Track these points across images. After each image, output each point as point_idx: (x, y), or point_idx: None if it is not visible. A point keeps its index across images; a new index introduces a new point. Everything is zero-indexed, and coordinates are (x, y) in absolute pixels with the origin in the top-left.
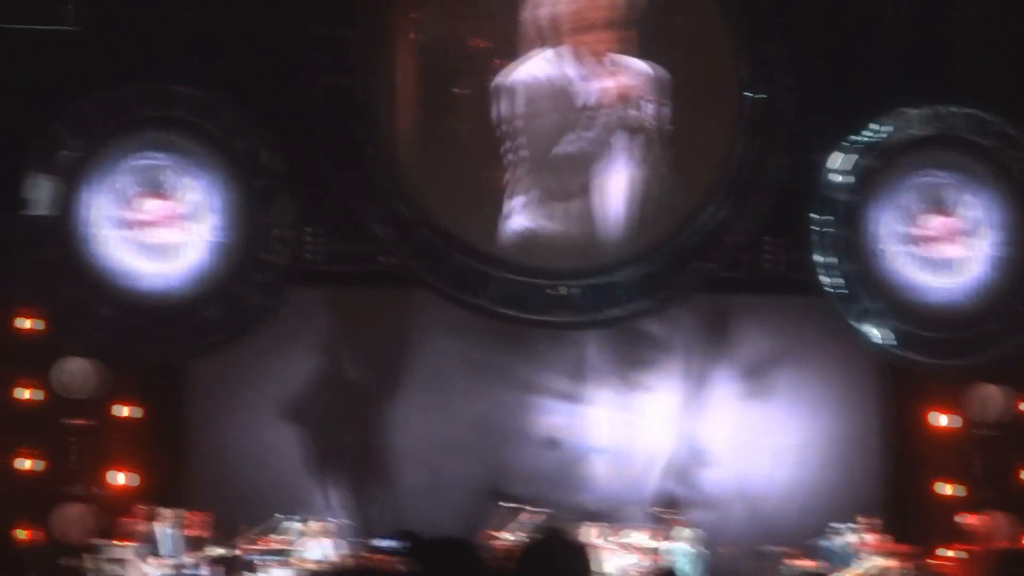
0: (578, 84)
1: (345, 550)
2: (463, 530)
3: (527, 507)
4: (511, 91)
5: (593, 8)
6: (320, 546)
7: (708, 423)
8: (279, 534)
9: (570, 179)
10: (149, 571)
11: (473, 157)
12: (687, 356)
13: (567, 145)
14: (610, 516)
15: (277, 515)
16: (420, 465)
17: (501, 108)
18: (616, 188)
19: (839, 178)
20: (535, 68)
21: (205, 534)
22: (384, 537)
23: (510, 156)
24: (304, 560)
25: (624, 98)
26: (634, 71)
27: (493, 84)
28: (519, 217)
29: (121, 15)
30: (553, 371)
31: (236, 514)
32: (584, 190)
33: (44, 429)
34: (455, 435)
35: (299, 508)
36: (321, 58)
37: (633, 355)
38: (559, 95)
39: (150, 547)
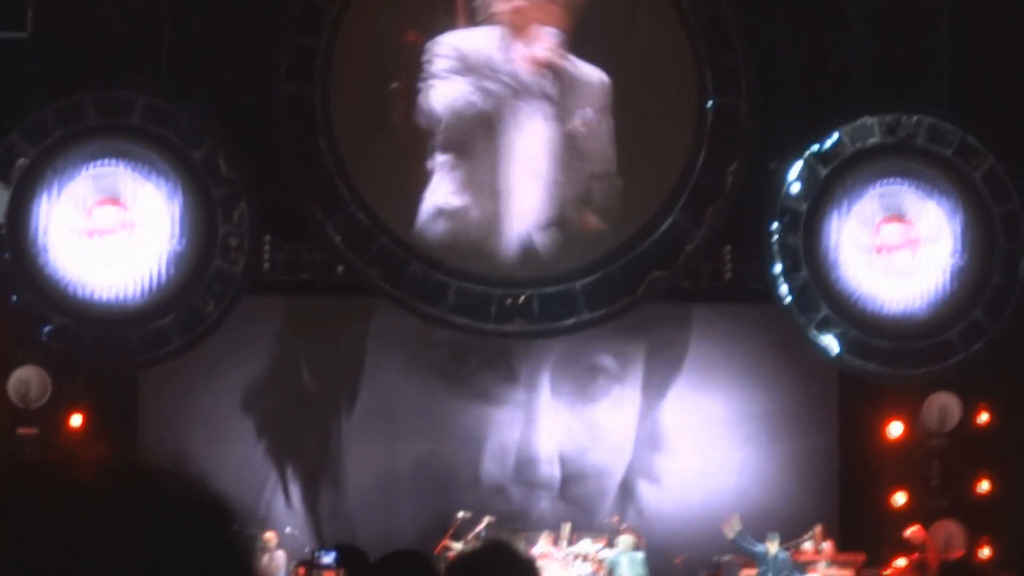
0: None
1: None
2: (416, 539)
3: (483, 516)
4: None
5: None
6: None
7: (665, 432)
8: None
9: (474, 136)
10: None
11: (412, 154)
12: (645, 366)
13: (466, 97)
14: (563, 525)
15: None
16: (373, 473)
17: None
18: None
19: (799, 187)
20: (464, 38)
21: None
22: (328, 551)
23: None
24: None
25: (543, 66)
26: (581, 73)
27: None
28: (435, 196)
29: (78, 23)
30: (509, 381)
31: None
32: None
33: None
34: (410, 444)
35: (252, 517)
36: (280, 67)
37: (590, 365)
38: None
39: None
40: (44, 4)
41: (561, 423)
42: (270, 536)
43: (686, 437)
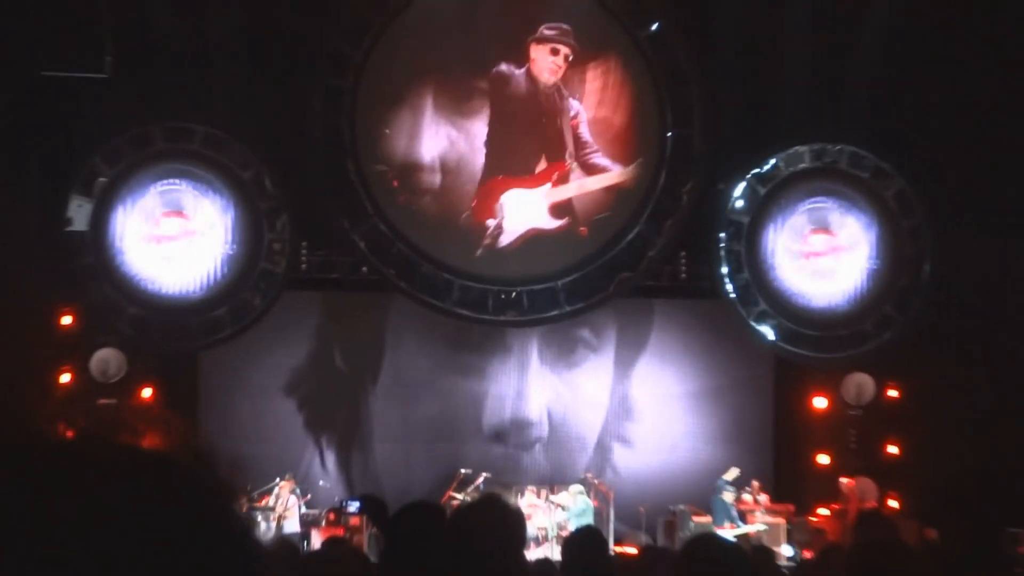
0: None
1: (317, 508)
2: (429, 491)
3: (481, 472)
4: None
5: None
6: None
7: (633, 402)
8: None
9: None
10: None
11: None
12: (616, 346)
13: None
14: (548, 480)
15: (277, 479)
16: (394, 437)
17: None
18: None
19: (742, 203)
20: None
21: None
22: (353, 500)
23: None
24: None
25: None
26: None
27: None
28: None
29: (149, 65)
30: (503, 354)
31: (241, 478)
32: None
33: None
34: (422, 411)
35: (291, 473)
36: (315, 102)
37: (572, 336)
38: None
39: None
40: (120, 49)
41: (547, 385)
42: (284, 485)
43: (650, 407)
